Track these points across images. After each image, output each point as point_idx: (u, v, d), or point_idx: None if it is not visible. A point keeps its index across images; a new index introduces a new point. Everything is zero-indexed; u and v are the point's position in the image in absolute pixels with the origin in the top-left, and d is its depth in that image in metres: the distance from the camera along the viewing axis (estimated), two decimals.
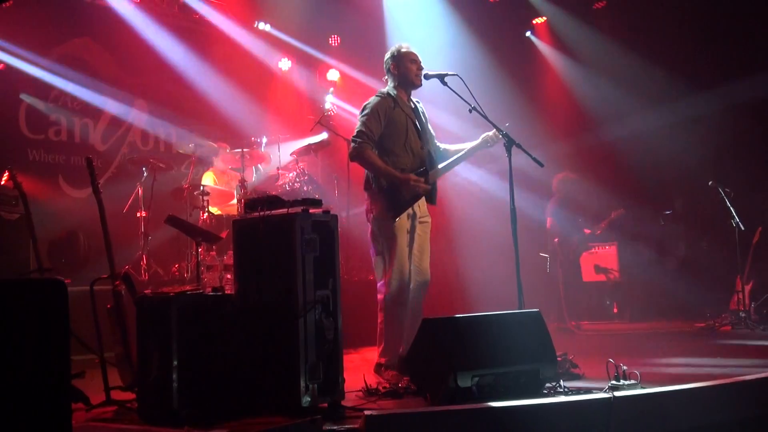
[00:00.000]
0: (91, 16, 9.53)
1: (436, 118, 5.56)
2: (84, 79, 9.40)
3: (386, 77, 5.37)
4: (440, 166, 5.31)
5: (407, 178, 5.03)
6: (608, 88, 10.24)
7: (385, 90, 5.30)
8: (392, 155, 5.14)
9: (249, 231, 4.34)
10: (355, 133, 5.15)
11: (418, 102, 5.43)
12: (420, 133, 5.25)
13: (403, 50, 5.29)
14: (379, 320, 5.14)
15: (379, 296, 5.14)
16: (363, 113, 5.18)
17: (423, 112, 5.40)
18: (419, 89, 5.39)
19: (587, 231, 9.32)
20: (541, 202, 9.23)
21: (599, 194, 9.77)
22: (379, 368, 5.04)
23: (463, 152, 5.29)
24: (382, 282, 5.15)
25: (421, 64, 5.29)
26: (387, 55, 5.35)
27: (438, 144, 5.48)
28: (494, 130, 5.13)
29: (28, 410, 2.88)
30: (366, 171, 5.25)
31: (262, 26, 10.64)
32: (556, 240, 9.01)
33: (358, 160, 5.14)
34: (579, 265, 9.19)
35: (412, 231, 5.13)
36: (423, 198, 5.20)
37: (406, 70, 5.25)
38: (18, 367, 2.90)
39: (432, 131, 5.47)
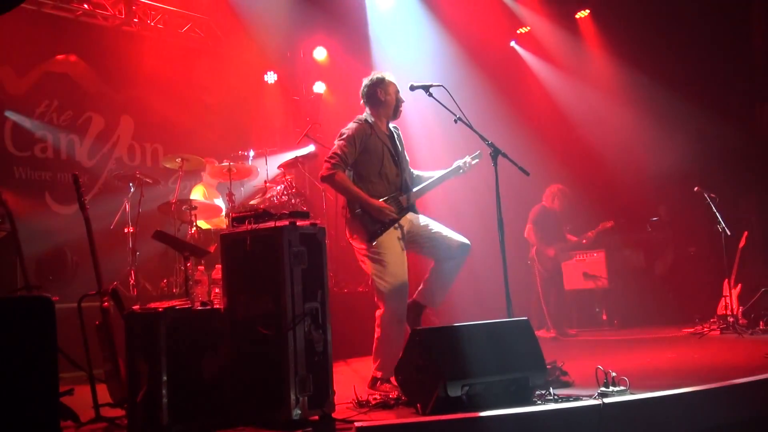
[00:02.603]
0: (75, 32, 9.53)
1: (421, 129, 5.58)
2: (69, 95, 9.40)
3: (363, 102, 5.38)
4: (414, 190, 5.36)
5: (378, 205, 5.07)
6: (592, 96, 10.30)
7: (363, 116, 5.32)
8: (367, 182, 5.18)
9: (237, 245, 4.34)
10: (329, 155, 5.17)
11: (395, 128, 5.48)
12: (396, 160, 5.28)
13: (388, 79, 5.35)
14: (375, 335, 5.13)
15: (377, 312, 5.13)
16: (340, 138, 5.21)
17: (399, 138, 5.44)
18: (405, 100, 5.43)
19: (573, 238, 9.35)
20: (527, 212, 9.27)
21: (588, 204, 9.81)
22: (374, 382, 5.03)
23: (435, 178, 5.38)
24: (379, 300, 5.14)
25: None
26: (372, 80, 5.35)
27: (411, 170, 5.51)
28: (467, 157, 5.21)
29: (16, 429, 2.87)
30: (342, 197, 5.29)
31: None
32: (534, 249, 9.07)
33: (329, 182, 5.15)
34: (560, 273, 9.22)
35: (406, 242, 5.14)
36: (409, 215, 5.24)
37: (392, 99, 5.32)
38: (6, 385, 2.88)
39: (407, 157, 5.50)
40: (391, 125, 5.43)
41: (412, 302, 5.27)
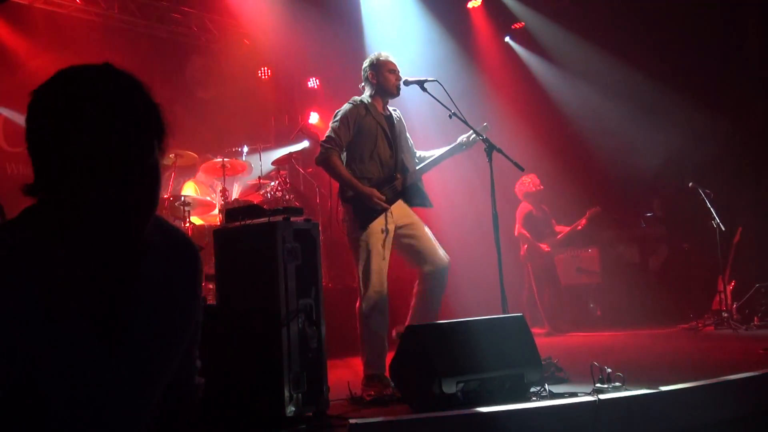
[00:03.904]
0: (68, 27, 9.48)
1: (415, 123, 5.56)
2: None
3: (363, 84, 5.36)
4: (418, 167, 5.34)
5: (369, 193, 5.05)
6: (587, 92, 10.29)
7: (358, 98, 5.29)
8: (359, 163, 5.16)
9: (230, 241, 4.31)
10: (324, 139, 5.18)
11: (394, 110, 5.44)
12: (391, 142, 5.25)
13: (382, 59, 5.29)
14: (358, 330, 5.12)
15: (357, 304, 5.13)
16: (334, 119, 5.21)
17: (400, 121, 5.41)
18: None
19: (565, 228, 9.31)
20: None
21: (577, 196, 9.79)
22: (369, 380, 5.01)
23: (438, 155, 5.33)
24: (359, 290, 5.14)
25: (400, 73, 5.30)
26: (365, 63, 5.34)
27: (416, 152, 5.50)
28: (470, 131, 5.18)
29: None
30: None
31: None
32: (525, 247, 9.02)
33: (323, 165, 5.17)
34: (554, 268, 9.20)
35: (386, 239, 5.11)
36: (400, 204, 5.22)
37: (384, 79, 5.25)
38: None
39: (410, 140, 5.48)
40: (391, 108, 5.41)
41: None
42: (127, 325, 1.57)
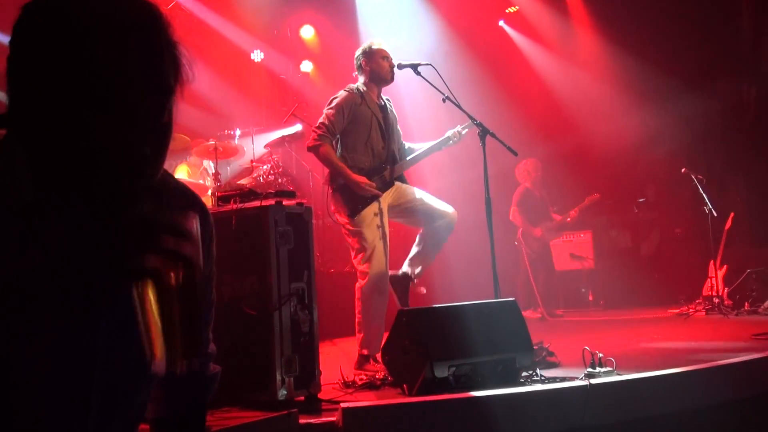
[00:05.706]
0: None
1: (409, 108, 5.55)
2: None
3: (356, 73, 5.34)
4: (407, 158, 5.35)
5: (359, 181, 5.04)
6: (580, 77, 10.27)
7: (354, 85, 5.27)
8: (352, 152, 5.15)
9: (222, 224, 4.29)
10: (317, 125, 5.14)
11: (388, 100, 5.42)
12: (384, 132, 5.24)
13: (375, 46, 5.27)
14: (357, 310, 5.12)
15: (357, 286, 5.12)
16: (329, 106, 5.17)
17: (392, 111, 5.39)
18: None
19: (558, 217, 9.31)
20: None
21: (570, 181, 9.79)
22: (361, 361, 5.01)
23: (425, 148, 5.35)
24: (359, 272, 5.14)
25: (393, 60, 5.28)
26: (358, 51, 5.32)
27: (404, 143, 5.49)
28: (458, 127, 5.20)
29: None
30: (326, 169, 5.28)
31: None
32: (520, 231, 9.03)
33: (314, 152, 5.15)
34: (549, 253, 9.21)
35: (381, 219, 5.12)
36: (393, 188, 5.22)
37: (377, 66, 5.23)
38: None
39: (400, 130, 5.47)
40: (384, 97, 5.39)
41: (402, 275, 5.27)
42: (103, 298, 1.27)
